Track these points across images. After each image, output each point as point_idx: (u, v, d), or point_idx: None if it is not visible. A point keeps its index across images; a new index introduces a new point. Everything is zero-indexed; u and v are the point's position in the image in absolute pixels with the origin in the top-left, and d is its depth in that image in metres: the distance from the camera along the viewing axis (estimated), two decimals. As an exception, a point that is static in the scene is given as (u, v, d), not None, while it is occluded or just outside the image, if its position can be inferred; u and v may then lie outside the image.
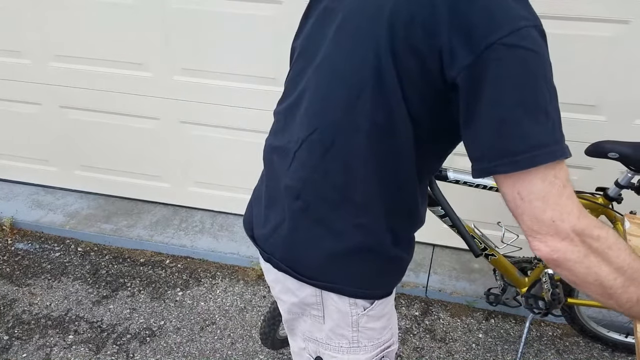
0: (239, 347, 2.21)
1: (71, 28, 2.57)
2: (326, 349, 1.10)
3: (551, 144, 0.76)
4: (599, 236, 0.77)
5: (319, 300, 1.05)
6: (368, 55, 0.85)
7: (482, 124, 0.77)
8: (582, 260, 0.78)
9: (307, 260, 1.02)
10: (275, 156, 1.07)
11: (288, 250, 1.05)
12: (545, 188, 0.76)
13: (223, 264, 2.66)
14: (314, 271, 1.02)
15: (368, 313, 1.06)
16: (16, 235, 2.85)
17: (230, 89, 2.52)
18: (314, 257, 1.01)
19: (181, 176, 2.88)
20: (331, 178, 0.95)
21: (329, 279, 1.02)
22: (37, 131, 2.94)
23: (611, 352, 2.18)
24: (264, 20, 2.32)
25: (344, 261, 1.00)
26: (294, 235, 1.02)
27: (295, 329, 1.15)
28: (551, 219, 0.76)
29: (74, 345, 2.21)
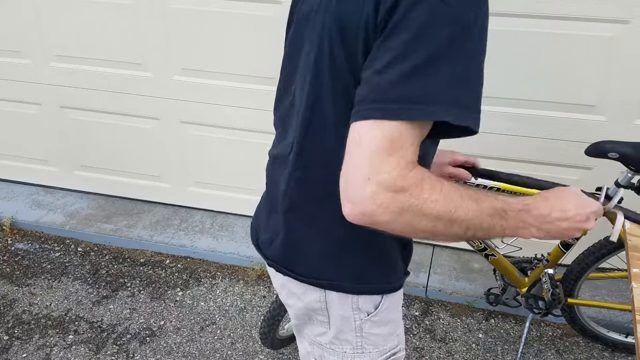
0: (239, 347, 2.21)
1: (71, 28, 2.57)
2: (330, 354, 1.10)
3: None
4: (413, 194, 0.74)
5: (323, 306, 1.05)
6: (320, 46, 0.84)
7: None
8: (396, 219, 0.75)
9: (304, 261, 1.02)
10: (277, 164, 1.07)
11: (286, 253, 1.05)
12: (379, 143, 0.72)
13: (223, 264, 2.66)
14: (311, 270, 1.02)
15: (372, 319, 1.05)
16: (16, 235, 2.85)
17: (230, 89, 2.52)
18: (309, 257, 1.01)
19: (181, 176, 2.88)
20: (311, 174, 0.94)
21: (327, 277, 1.01)
22: (37, 131, 2.94)
23: (611, 352, 2.18)
24: (264, 20, 2.32)
25: (337, 257, 1.00)
26: (289, 237, 1.03)
27: (302, 332, 1.15)
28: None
29: (74, 345, 2.21)
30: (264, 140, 2.64)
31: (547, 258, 1.96)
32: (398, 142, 0.72)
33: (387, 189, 0.72)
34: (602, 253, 1.90)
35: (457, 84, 0.73)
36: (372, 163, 0.72)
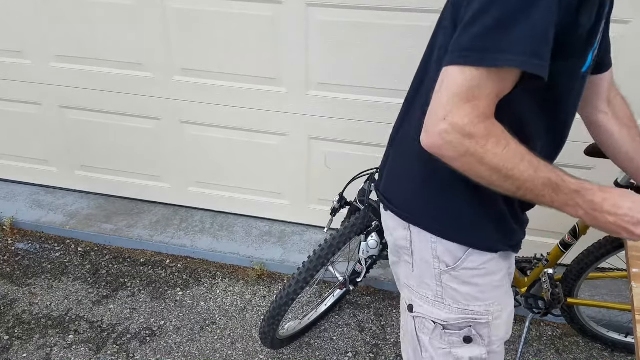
0: (239, 347, 2.21)
1: (71, 28, 2.57)
2: (415, 296, 1.15)
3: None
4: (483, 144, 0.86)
5: (408, 245, 1.12)
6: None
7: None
8: (458, 158, 0.87)
9: (397, 191, 1.14)
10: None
11: (387, 187, 1.17)
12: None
13: (223, 264, 2.67)
14: (402, 204, 1.12)
15: (451, 272, 1.08)
16: (16, 235, 2.86)
17: (230, 89, 2.52)
18: (402, 187, 1.12)
19: (181, 176, 2.88)
20: (416, 114, 1.05)
21: (413, 212, 1.10)
22: (37, 131, 2.94)
23: (611, 352, 2.18)
24: (264, 20, 2.32)
25: (424, 194, 1.08)
26: (389, 171, 1.16)
27: (398, 274, 1.24)
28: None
29: (74, 345, 2.21)
30: (264, 141, 2.64)
31: (547, 258, 1.96)
32: (475, 90, 0.83)
33: (457, 132, 0.84)
34: (601, 253, 1.90)
35: (530, 36, 0.82)
36: (450, 105, 0.84)
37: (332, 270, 2.11)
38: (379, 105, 2.37)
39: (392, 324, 2.32)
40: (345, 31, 2.25)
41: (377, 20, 2.20)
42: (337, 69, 2.34)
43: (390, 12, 2.17)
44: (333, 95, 2.41)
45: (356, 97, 2.39)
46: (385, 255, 1.97)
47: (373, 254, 1.88)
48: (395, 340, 2.24)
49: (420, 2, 2.12)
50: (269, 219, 2.88)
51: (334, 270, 2.12)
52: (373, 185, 1.26)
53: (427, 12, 2.13)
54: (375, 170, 1.91)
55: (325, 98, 2.43)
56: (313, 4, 2.24)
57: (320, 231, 2.79)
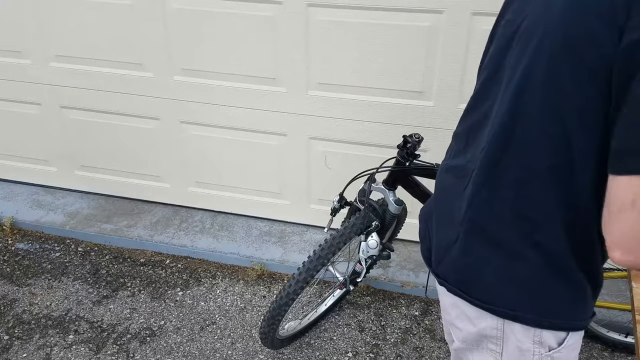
0: (239, 347, 2.21)
1: (71, 28, 2.57)
2: None
3: None
4: None
5: (499, 335, 0.98)
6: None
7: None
8: None
9: (483, 283, 0.97)
10: (451, 176, 1.04)
11: (461, 273, 1.00)
12: None
13: (223, 264, 2.67)
14: (491, 295, 0.96)
15: (553, 355, 0.97)
16: (16, 235, 2.86)
17: (230, 89, 2.52)
18: (490, 280, 0.96)
19: (181, 176, 2.88)
20: (502, 194, 0.91)
21: (509, 305, 0.95)
22: (37, 131, 2.94)
23: (611, 352, 2.18)
24: (264, 20, 2.32)
25: (523, 284, 0.94)
26: (466, 256, 0.98)
27: (464, 357, 1.09)
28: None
29: (74, 345, 2.21)
30: (264, 140, 2.64)
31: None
32: None
33: None
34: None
35: None
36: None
37: (332, 270, 2.12)
38: (379, 105, 2.37)
39: (392, 324, 2.32)
40: (345, 31, 2.25)
41: (377, 20, 2.20)
42: (337, 69, 2.34)
43: (390, 12, 2.17)
44: (333, 95, 2.41)
45: (356, 97, 2.39)
46: (385, 255, 1.97)
47: (373, 254, 1.88)
48: (395, 340, 2.25)
49: (420, 2, 2.12)
50: (269, 219, 2.88)
51: (334, 270, 2.12)
52: (427, 263, 1.11)
53: (427, 12, 2.14)
54: (375, 170, 1.91)
55: (325, 98, 2.43)
56: (313, 4, 2.24)
57: (320, 231, 2.79)
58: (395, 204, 1.95)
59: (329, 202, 2.05)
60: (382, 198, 1.99)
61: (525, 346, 0.97)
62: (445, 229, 1.03)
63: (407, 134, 1.84)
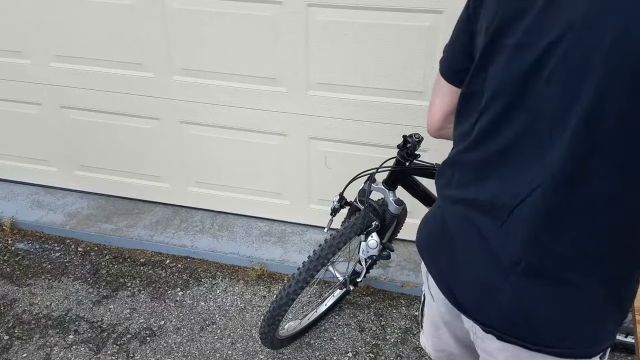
0: (239, 347, 2.21)
1: (71, 28, 2.57)
2: None
3: None
4: None
5: None
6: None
7: None
8: None
9: (543, 327, 0.93)
10: (470, 211, 0.97)
11: (514, 319, 0.95)
12: None
13: (223, 264, 2.67)
14: (551, 338, 0.93)
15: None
16: (16, 235, 2.86)
17: (230, 89, 2.52)
18: (550, 322, 0.93)
19: (181, 176, 2.88)
20: (566, 236, 0.87)
21: (569, 344, 0.93)
22: (37, 131, 2.94)
23: (611, 352, 2.18)
24: (264, 20, 2.32)
25: (581, 321, 0.93)
26: (520, 301, 0.93)
27: None
28: None
29: (74, 345, 2.21)
30: (264, 140, 2.64)
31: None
32: None
33: None
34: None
35: None
36: None
37: (332, 270, 2.12)
38: (379, 105, 2.37)
39: (392, 324, 2.32)
40: (345, 31, 2.25)
41: (377, 20, 2.20)
42: (337, 69, 2.34)
43: (390, 12, 2.17)
44: (333, 95, 2.41)
45: (356, 97, 2.39)
46: (385, 255, 1.97)
47: (373, 254, 1.88)
48: (395, 340, 2.25)
49: (420, 2, 2.12)
50: (269, 219, 2.88)
51: (334, 270, 2.12)
52: (475, 323, 1.01)
53: (427, 12, 2.14)
54: (375, 170, 1.91)
55: (325, 98, 2.43)
56: (313, 4, 2.24)
57: (320, 231, 2.79)
58: (395, 204, 1.95)
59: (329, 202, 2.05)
60: (382, 198, 1.99)
61: None
62: (479, 271, 0.97)
63: (407, 134, 1.84)
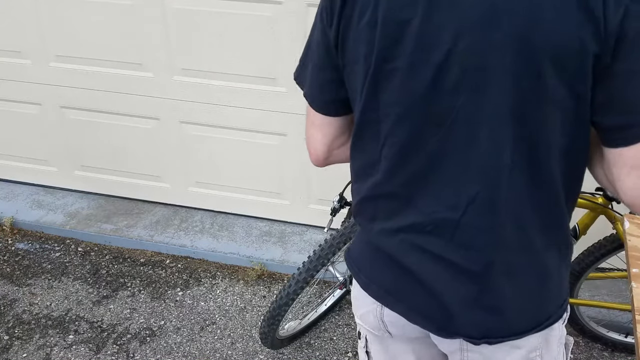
0: (239, 347, 2.21)
1: (71, 28, 2.57)
2: None
3: None
4: None
5: (542, 343, 1.00)
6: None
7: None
8: None
9: (521, 314, 0.97)
10: (415, 237, 0.96)
11: (499, 319, 0.96)
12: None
13: (223, 264, 2.67)
14: (536, 319, 0.98)
15: (569, 354, 1.06)
16: (16, 235, 2.86)
17: (230, 89, 2.52)
18: (528, 306, 0.97)
19: (181, 176, 2.88)
20: (523, 224, 0.90)
21: (548, 316, 0.98)
22: (37, 131, 2.94)
23: (611, 352, 2.18)
24: (264, 20, 2.32)
25: (554, 290, 0.98)
26: (500, 300, 0.95)
27: None
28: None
29: (74, 345, 2.21)
30: (264, 140, 2.64)
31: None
32: None
33: None
34: (601, 253, 1.90)
35: None
36: None
37: (332, 270, 2.11)
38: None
39: (392, 324, 2.32)
40: (345, 31, 2.25)
41: (377, 20, 2.20)
42: (337, 69, 2.34)
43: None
44: (333, 95, 2.41)
45: (356, 97, 2.38)
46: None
47: (373, 254, 1.88)
48: (395, 340, 2.24)
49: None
50: (269, 219, 2.88)
51: (334, 270, 2.12)
52: (467, 343, 1.02)
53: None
54: None
55: (325, 98, 2.42)
56: (313, 4, 2.24)
57: (320, 231, 2.79)
58: None
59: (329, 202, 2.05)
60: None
61: (561, 332, 1.03)
62: (447, 287, 0.96)
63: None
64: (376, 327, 1.11)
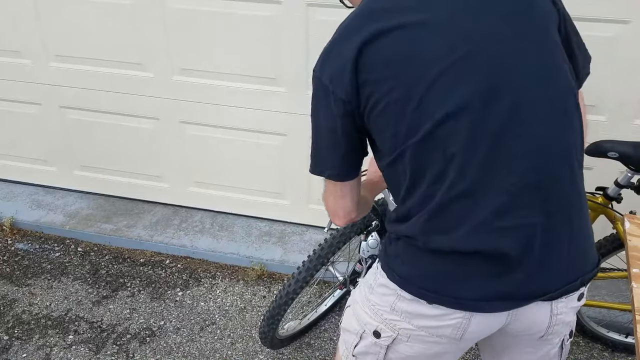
0: (239, 347, 2.21)
1: (71, 28, 2.57)
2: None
3: None
4: None
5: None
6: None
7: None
8: None
9: (590, 259, 1.09)
10: (481, 236, 1.00)
11: (573, 268, 1.06)
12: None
13: (223, 264, 2.66)
14: (595, 262, 1.10)
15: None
16: (16, 235, 2.85)
17: (230, 89, 2.52)
18: (592, 251, 1.10)
19: (181, 176, 2.88)
20: (574, 173, 1.04)
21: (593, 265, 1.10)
22: (37, 131, 2.94)
23: (611, 352, 2.18)
24: (264, 20, 2.32)
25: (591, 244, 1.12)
26: (580, 243, 1.07)
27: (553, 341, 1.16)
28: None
29: (74, 345, 2.21)
30: (264, 140, 2.64)
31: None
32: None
33: None
34: (602, 253, 1.90)
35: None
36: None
37: (332, 270, 2.11)
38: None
39: (392, 324, 2.32)
40: (345, 31, 2.25)
41: (377, 20, 2.20)
42: (337, 69, 2.34)
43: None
44: (333, 95, 2.41)
45: (356, 97, 2.38)
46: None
47: (373, 254, 1.88)
48: (395, 340, 2.24)
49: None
50: (269, 219, 2.88)
51: (334, 270, 2.12)
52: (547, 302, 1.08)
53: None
54: None
55: (325, 98, 2.42)
56: (313, 4, 2.24)
57: (320, 231, 2.79)
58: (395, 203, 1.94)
59: (329, 202, 2.05)
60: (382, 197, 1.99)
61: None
62: (550, 249, 1.03)
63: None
64: (447, 335, 1.08)
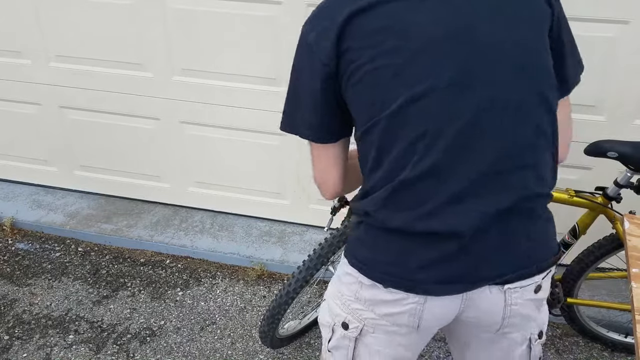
0: (239, 346, 2.22)
1: (71, 28, 2.57)
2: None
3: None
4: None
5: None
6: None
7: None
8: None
9: (549, 249, 1.11)
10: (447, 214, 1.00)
11: (529, 256, 1.06)
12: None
13: (223, 264, 2.67)
14: (555, 251, 1.12)
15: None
16: (16, 235, 2.86)
17: (230, 89, 2.52)
18: (553, 241, 1.12)
19: (181, 176, 2.88)
20: (540, 172, 1.11)
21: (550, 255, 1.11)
22: (37, 131, 2.94)
23: (610, 352, 2.19)
24: (264, 20, 2.32)
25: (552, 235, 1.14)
26: (531, 238, 1.08)
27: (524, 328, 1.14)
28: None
29: (74, 345, 2.21)
30: (264, 140, 2.64)
31: (547, 258, 1.95)
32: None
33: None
34: (601, 253, 1.90)
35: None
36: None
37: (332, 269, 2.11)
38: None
39: (392, 323, 2.32)
40: (345, 31, 2.25)
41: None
42: (337, 69, 2.34)
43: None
44: (333, 95, 2.41)
45: (356, 97, 2.38)
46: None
47: (373, 254, 1.87)
48: (395, 340, 2.24)
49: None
50: (269, 219, 2.88)
51: (334, 269, 2.12)
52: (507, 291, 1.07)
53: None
54: None
55: (325, 98, 2.42)
56: (313, 4, 2.23)
57: (320, 231, 2.79)
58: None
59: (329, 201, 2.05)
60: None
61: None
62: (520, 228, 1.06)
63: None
64: (404, 323, 1.07)
